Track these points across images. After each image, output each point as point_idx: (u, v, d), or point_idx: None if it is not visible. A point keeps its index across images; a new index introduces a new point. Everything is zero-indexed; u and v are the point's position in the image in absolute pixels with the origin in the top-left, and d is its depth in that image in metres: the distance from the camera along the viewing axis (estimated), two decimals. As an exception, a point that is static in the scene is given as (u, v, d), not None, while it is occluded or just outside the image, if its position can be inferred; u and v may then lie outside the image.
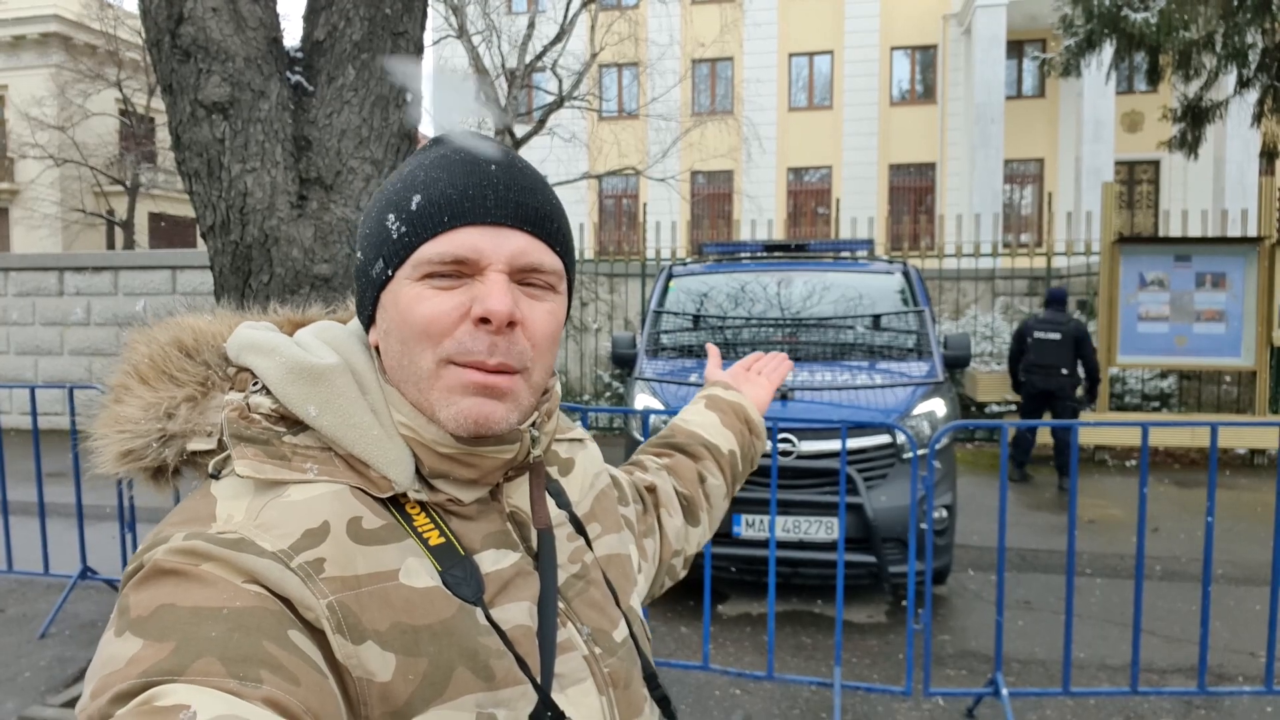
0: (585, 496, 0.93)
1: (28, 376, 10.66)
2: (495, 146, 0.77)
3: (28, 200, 21.83)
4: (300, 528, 0.66)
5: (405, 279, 0.72)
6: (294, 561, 0.64)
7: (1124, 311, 8.34)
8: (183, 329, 0.78)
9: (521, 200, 0.73)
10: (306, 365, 0.72)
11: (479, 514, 0.77)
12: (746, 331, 5.65)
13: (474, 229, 0.71)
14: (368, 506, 0.70)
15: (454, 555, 0.72)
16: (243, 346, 0.75)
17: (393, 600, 0.67)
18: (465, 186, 0.72)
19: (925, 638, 3.50)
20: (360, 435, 0.71)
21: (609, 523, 0.94)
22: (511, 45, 14.22)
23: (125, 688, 0.54)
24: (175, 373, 0.75)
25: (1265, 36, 8.70)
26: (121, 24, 21.07)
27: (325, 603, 0.64)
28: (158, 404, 0.73)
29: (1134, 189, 20.60)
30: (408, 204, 0.72)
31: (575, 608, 0.81)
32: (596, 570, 0.86)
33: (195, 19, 2.73)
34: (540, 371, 0.76)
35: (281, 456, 0.70)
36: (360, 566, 0.67)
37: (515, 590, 0.75)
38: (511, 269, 0.72)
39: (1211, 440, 3.44)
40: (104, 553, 5.01)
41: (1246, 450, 8.52)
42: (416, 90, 2.92)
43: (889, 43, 21.86)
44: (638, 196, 22.17)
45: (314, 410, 0.71)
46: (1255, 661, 4.09)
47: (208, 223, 2.93)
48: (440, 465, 0.73)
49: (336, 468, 0.71)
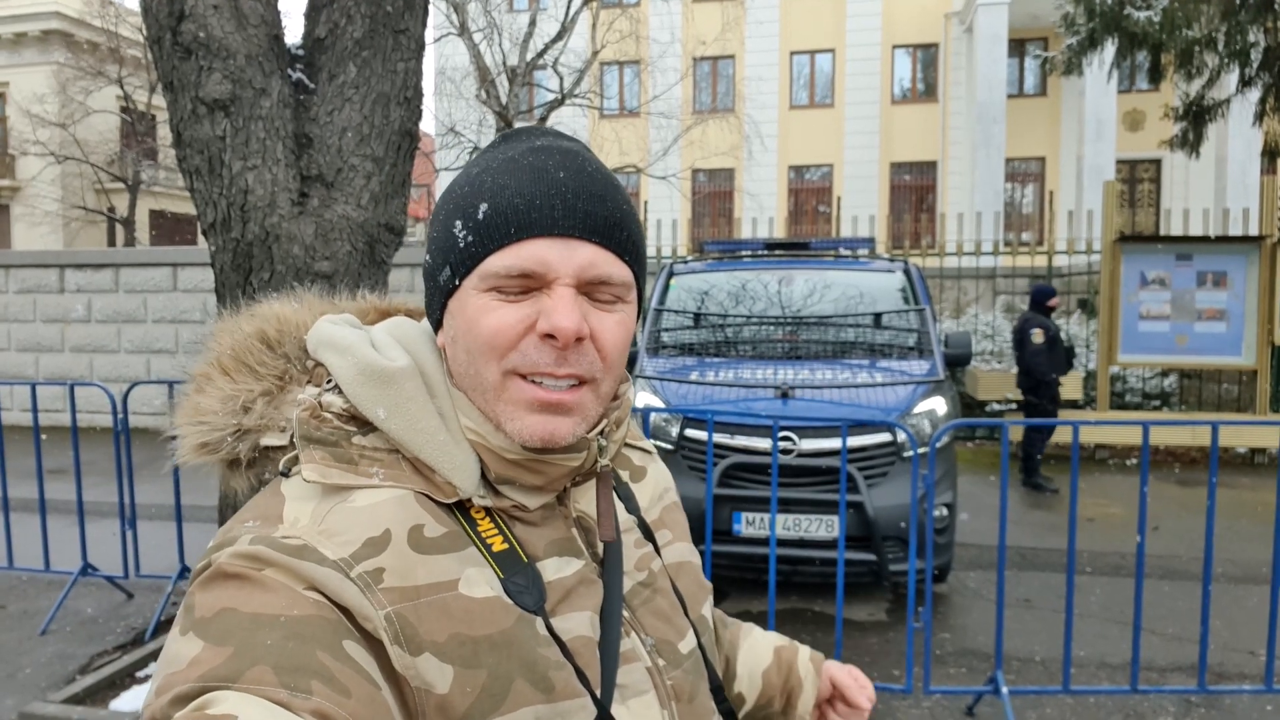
0: (655, 504, 0.91)
1: (28, 373, 10.67)
2: (566, 147, 0.75)
3: (29, 197, 21.84)
4: (362, 535, 0.66)
5: (472, 289, 0.71)
6: (354, 571, 0.64)
7: (1125, 310, 8.33)
8: (268, 319, 0.78)
9: (590, 210, 0.71)
10: (377, 367, 0.71)
11: (544, 520, 0.76)
12: (747, 330, 5.65)
13: (541, 241, 0.69)
14: (430, 513, 0.70)
15: (517, 563, 0.72)
16: (320, 342, 0.75)
17: (452, 611, 0.66)
18: (533, 196, 0.70)
19: (925, 636, 3.51)
20: (427, 440, 0.71)
21: (679, 531, 0.92)
22: (513, 43, 14.21)
23: (184, 690, 0.55)
24: (255, 365, 0.75)
25: (1267, 35, 8.69)
26: (123, 21, 21.09)
27: (384, 613, 0.63)
28: (235, 396, 0.73)
29: (1135, 188, 20.58)
30: (475, 212, 0.71)
31: (640, 617, 0.79)
32: (664, 578, 0.84)
33: (196, 16, 2.73)
34: (610, 382, 0.74)
35: (349, 460, 0.70)
36: (420, 576, 0.66)
37: (578, 599, 0.74)
38: (579, 282, 0.70)
39: (1212, 439, 3.44)
40: (104, 549, 5.01)
41: (1247, 449, 8.51)
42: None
43: (890, 41, 21.84)
44: (639, 194, 22.16)
45: (383, 413, 0.71)
46: (1255, 660, 4.09)
47: (209, 220, 2.93)
48: (507, 471, 0.73)
49: (403, 472, 0.71)
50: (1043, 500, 7.11)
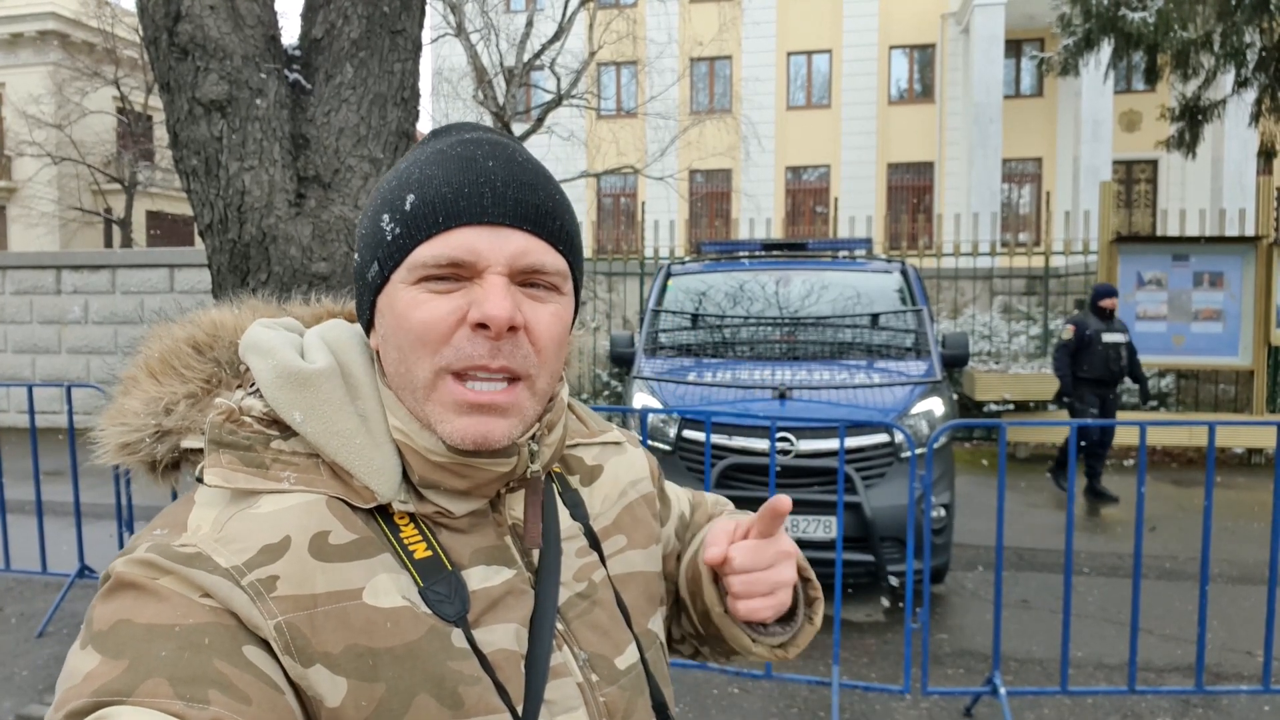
0: (611, 507, 0.86)
1: (25, 375, 10.64)
2: (495, 139, 0.73)
3: (25, 198, 21.80)
4: (259, 542, 0.64)
5: (401, 282, 0.69)
6: (245, 579, 0.62)
7: (1122, 311, 8.34)
8: (201, 324, 0.78)
9: (521, 197, 0.69)
10: (294, 369, 0.70)
11: (472, 527, 0.73)
12: (745, 331, 5.65)
13: (471, 229, 0.68)
14: (342, 519, 0.68)
15: (439, 570, 0.69)
16: (246, 346, 0.73)
17: (352, 621, 0.64)
18: (461, 184, 0.68)
19: (923, 636, 3.51)
20: (343, 444, 0.69)
21: (637, 536, 0.87)
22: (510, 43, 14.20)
23: (78, 705, 0.55)
24: (181, 369, 0.74)
25: (1263, 36, 8.71)
26: (119, 21, 21.05)
27: (273, 623, 0.62)
28: (158, 399, 0.73)
29: (1132, 188, 20.62)
30: (402, 203, 0.69)
31: (575, 630, 0.76)
32: (606, 590, 0.80)
33: (193, 17, 2.72)
34: (545, 378, 0.72)
35: (259, 465, 0.68)
36: (319, 585, 0.64)
37: (505, 610, 0.71)
38: (512, 270, 0.68)
39: (1209, 439, 3.44)
40: (102, 551, 5.00)
41: (1244, 450, 8.52)
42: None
43: (887, 42, 21.86)
44: (636, 195, 22.16)
45: (299, 416, 0.69)
46: (1253, 660, 4.10)
47: (205, 221, 2.92)
48: (431, 474, 0.71)
49: (320, 476, 0.69)
50: (1040, 500, 7.12)
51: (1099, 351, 6.92)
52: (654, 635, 0.85)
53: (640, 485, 0.91)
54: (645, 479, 0.93)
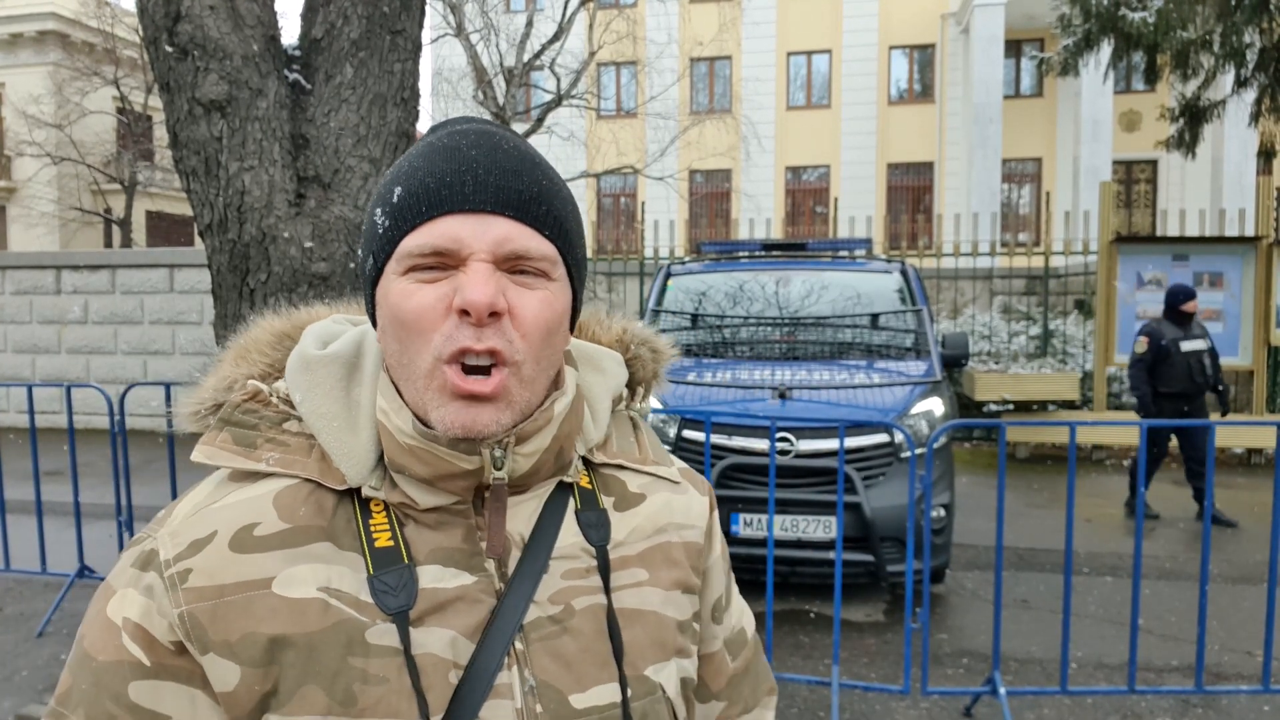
0: (641, 540, 0.81)
1: (25, 375, 10.64)
2: (484, 129, 0.73)
3: (25, 198, 21.80)
4: (191, 537, 0.69)
5: (393, 274, 0.70)
6: (168, 571, 0.68)
7: (1122, 311, 8.34)
8: (294, 317, 0.83)
9: (503, 184, 0.69)
10: (303, 354, 0.75)
11: (438, 525, 0.72)
12: (745, 331, 5.65)
13: (453, 218, 0.68)
14: (290, 507, 0.70)
15: (395, 560, 0.70)
16: (305, 332, 0.78)
17: (254, 609, 0.67)
18: (443, 173, 0.69)
19: (923, 636, 3.50)
20: (324, 426, 0.72)
21: (662, 576, 0.81)
22: (509, 44, 14.20)
23: (49, 708, 0.68)
24: (255, 354, 0.79)
25: (1263, 36, 8.71)
26: (119, 22, 21.05)
27: (177, 612, 0.66)
28: (228, 378, 0.77)
29: (1132, 188, 20.62)
30: (391, 197, 0.71)
31: (532, 653, 0.71)
32: (590, 620, 0.74)
33: (193, 17, 2.73)
34: (532, 365, 0.70)
35: (249, 444, 0.72)
36: (228, 576, 0.67)
37: (449, 615, 0.70)
38: (495, 257, 0.68)
39: (1209, 439, 3.45)
40: (102, 551, 5.00)
41: (1244, 449, 8.53)
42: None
43: (887, 42, 21.86)
44: (636, 195, 22.16)
45: (299, 396, 0.73)
46: (1252, 660, 4.10)
47: (205, 221, 2.92)
48: (399, 456, 0.71)
49: (308, 458, 0.72)
50: (1040, 500, 7.12)
51: (1179, 362, 6.23)
52: (653, 684, 0.77)
53: (686, 532, 0.84)
54: (695, 528, 0.85)
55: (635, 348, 0.90)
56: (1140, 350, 6.36)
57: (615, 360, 0.87)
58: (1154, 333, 6.36)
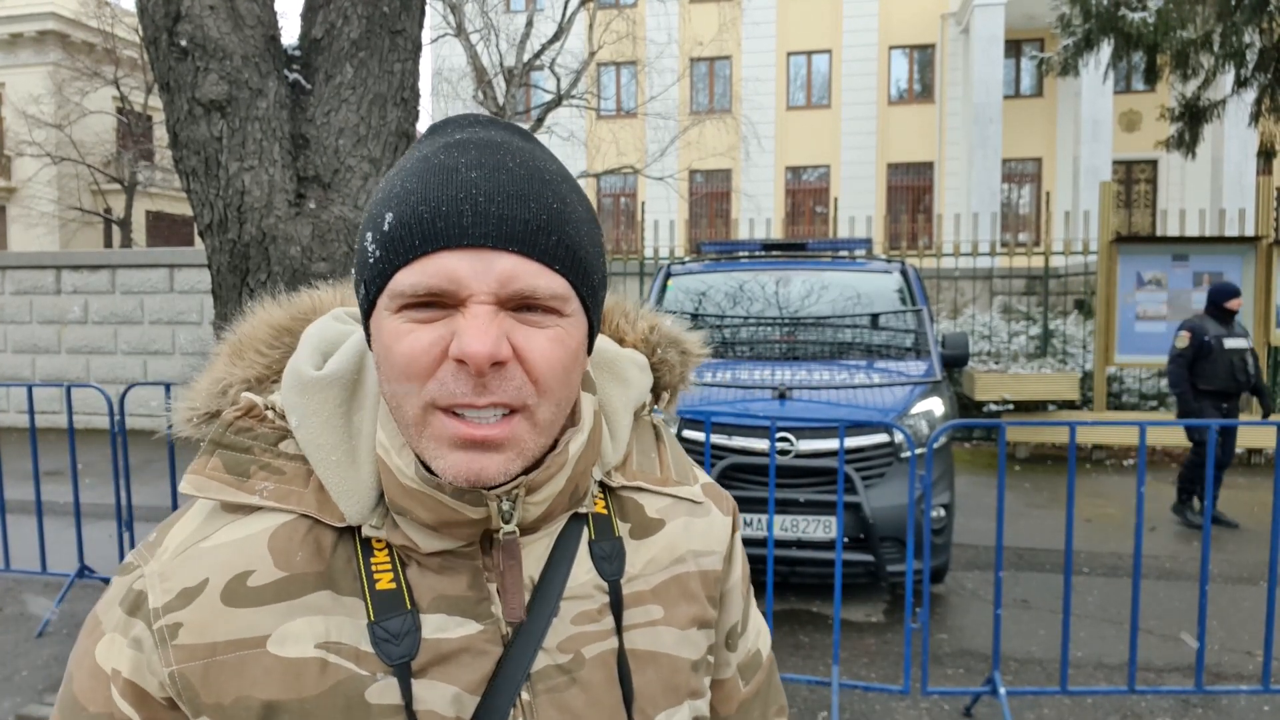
0: (658, 572, 0.75)
1: (25, 375, 10.64)
2: (487, 140, 0.64)
3: (25, 198, 21.80)
4: (180, 584, 0.64)
5: (385, 310, 0.62)
6: (158, 623, 0.63)
7: (1122, 311, 8.34)
8: (295, 306, 0.76)
9: (506, 213, 0.60)
10: (299, 374, 0.67)
11: (443, 569, 0.67)
12: (745, 331, 5.65)
13: (451, 254, 0.60)
14: (287, 549, 0.65)
15: (398, 606, 0.65)
16: (303, 338, 0.71)
17: (248, 671, 0.62)
18: (439, 202, 0.60)
19: (923, 637, 3.51)
20: (322, 458, 0.66)
21: (678, 614, 0.75)
22: (509, 44, 14.21)
23: None
24: (251, 353, 0.72)
25: (1263, 36, 8.71)
26: (119, 22, 21.06)
27: (168, 671, 0.62)
28: (221, 380, 0.71)
29: (1132, 188, 20.62)
30: (382, 223, 0.62)
31: (538, 706, 0.67)
32: (601, 670, 0.70)
33: (193, 17, 2.73)
34: (548, 409, 0.63)
35: (242, 472, 0.65)
36: (220, 633, 0.62)
37: (453, 669, 0.65)
38: (499, 298, 0.60)
39: (1209, 439, 3.45)
40: (102, 551, 5.00)
41: (1244, 450, 8.52)
42: None
43: (887, 42, 21.87)
44: (636, 195, 22.16)
45: (295, 421, 0.66)
46: (1252, 660, 4.10)
47: (205, 221, 2.92)
48: (400, 499, 0.65)
49: (305, 489, 0.66)
50: (1040, 500, 7.12)
51: (1221, 359, 6.12)
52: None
53: (705, 559, 0.78)
54: (715, 554, 0.80)
55: (663, 350, 0.82)
56: (1182, 345, 6.21)
57: (640, 366, 0.80)
58: (1197, 328, 6.21)
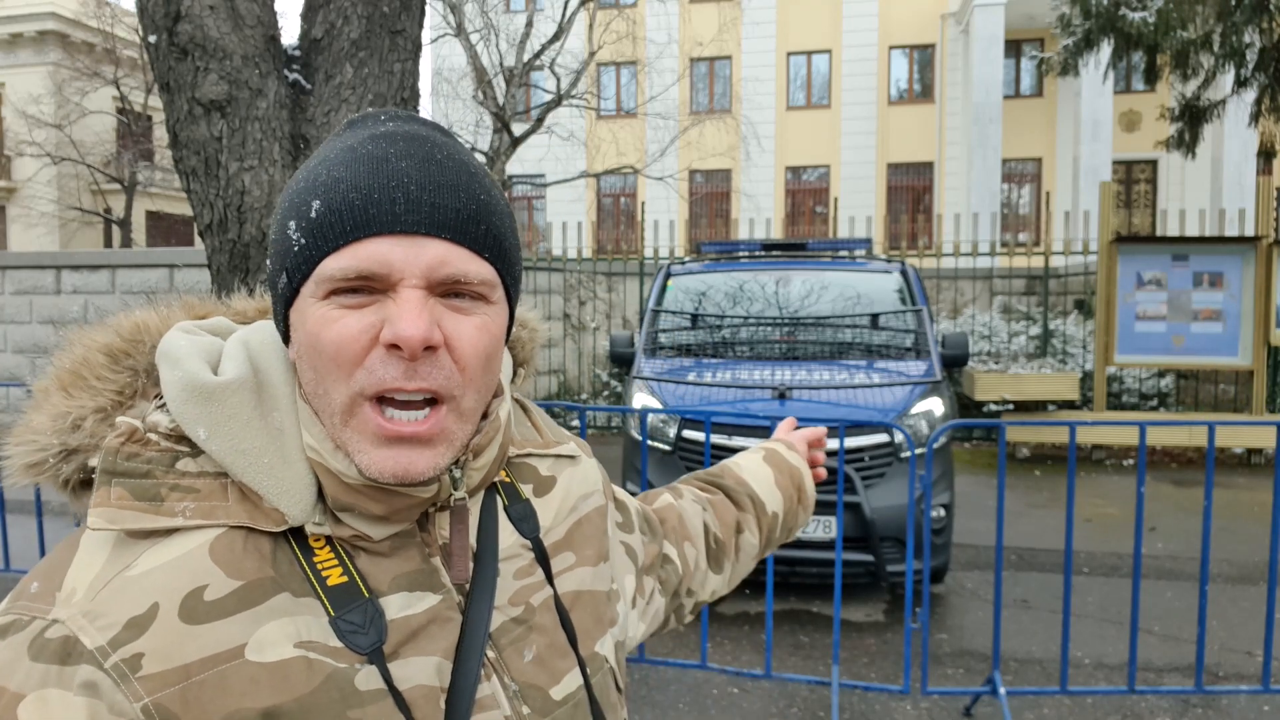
0: (562, 521, 0.82)
1: (25, 375, 10.64)
2: (413, 133, 0.66)
3: (25, 198, 21.81)
4: (125, 615, 0.59)
5: (310, 296, 0.62)
6: (109, 661, 0.57)
7: (1121, 311, 8.34)
8: (123, 328, 0.71)
9: (438, 201, 0.62)
10: (198, 383, 0.64)
11: (394, 550, 0.68)
12: (745, 331, 5.65)
13: (382, 239, 0.61)
14: (230, 560, 0.62)
15: (354, 597, 0.64)
16: (159, 353, 0.67)
17: (231, 684, 0.59)
18: (369, 189, 0.61)
19: (923, 637, 3.51)
20: (250, 463, 0.63)
21: (587, 553, 0.82)
22: (509, 44, 14.20)
23: None
24: (93, 380, 0.68)
25: (1263, 36, 8.70)
26: (119, 21, 21.06)
27: (139, 705, 0.57)
28: (66, 414, 0.67)
29: (1132, 188, 20.62)
30: (308, 210, 0.63)
31: (506, 659, 0.71)
32: (547, 613, 0.75)
33: (193, 17, 2.72)
34: (472, 397, 0.65)
35: (153, 497, 0.62)
36: (190, 653, 0.59)
37: (426, 641, 0.66)
38: (429, 283, 0.62)
39: (1209, 439, 3.45)
40: (101, 551, 4.99)
41: (1244, 450, 8.52)
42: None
43: (887, 42, 21.87)
44: (636, 195, 22.17)
45: (204, 433, 0.63)
46: (1252, 660, 4.10)
47: (205, 221, 2.92)
48: (345, 497, 0.65)
49: (225, 502, 0.63)
50: (1040, 500, 7.12)
51: None
52: (601, 659, 0.79)
53: (592, 499, 0.87)
54: (597, 492, 0.88)
55: (515, 329, 0.85)
56: None
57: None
58: None
